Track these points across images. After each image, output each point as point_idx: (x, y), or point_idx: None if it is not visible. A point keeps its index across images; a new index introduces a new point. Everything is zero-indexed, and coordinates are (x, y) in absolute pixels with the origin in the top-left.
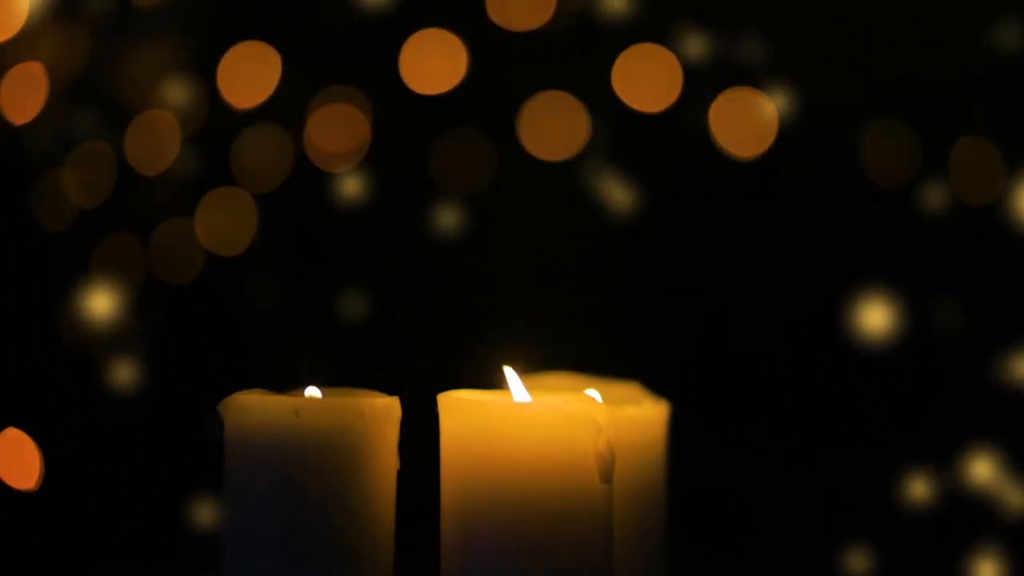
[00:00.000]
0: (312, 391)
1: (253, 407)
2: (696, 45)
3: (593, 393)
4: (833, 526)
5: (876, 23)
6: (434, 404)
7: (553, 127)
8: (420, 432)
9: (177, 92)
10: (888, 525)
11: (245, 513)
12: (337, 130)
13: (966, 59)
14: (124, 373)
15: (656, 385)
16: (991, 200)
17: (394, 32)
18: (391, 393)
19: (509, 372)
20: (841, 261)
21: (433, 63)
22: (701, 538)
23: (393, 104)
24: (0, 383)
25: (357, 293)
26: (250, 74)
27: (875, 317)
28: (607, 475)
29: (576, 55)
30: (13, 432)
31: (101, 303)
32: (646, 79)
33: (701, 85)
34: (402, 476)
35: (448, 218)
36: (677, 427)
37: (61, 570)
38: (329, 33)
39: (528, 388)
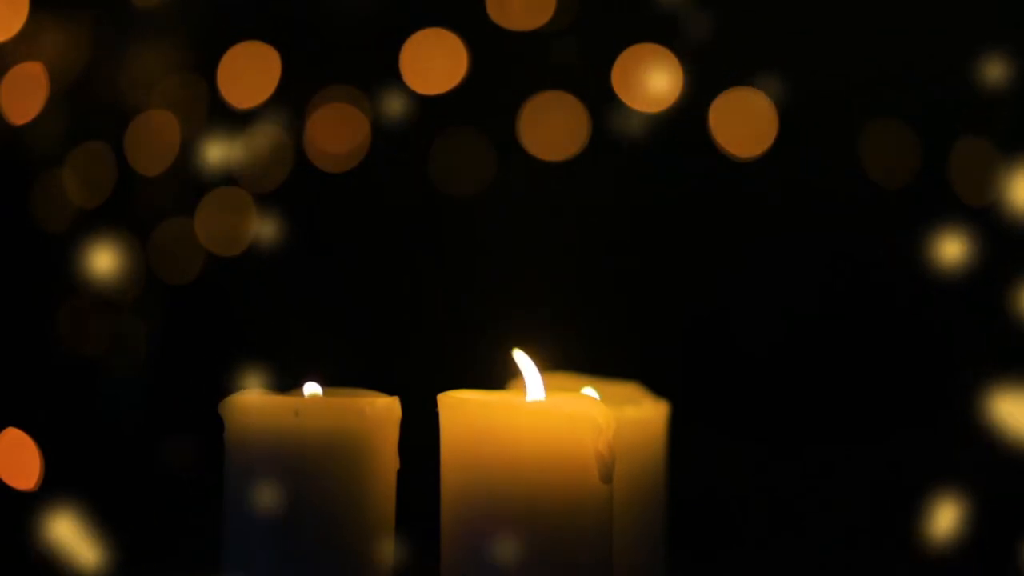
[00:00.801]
0: (311, 386)
1: (253, 407)
2: (697, 45)
3: (590, 391)
4: (833, 526)
5: (877, 23)
6: (434, 404)
7: (553, 127)
8: (420, 432)
9: (177, 92)
10: (888, 524)
11: (245, 513)
12: (337, 130)
13: (967, 59)
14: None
15: (656, 385)
16: (991, 200)
17: (394, 32)
18: (391, 393)
19: (520, 356)
20: (841, 261)
21: (433, 63)
22: (701, 538)
23: (393, 104)
24: (0, 383)
25: (357, 293)
26: (250, 74)
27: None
28: (607, 475)
29: (576, 55)
30: (13, 432)
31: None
32: (646, 79)
33: (701, 85)
34: (402, 476)
35: (448, 217)
36: (677, 427)
37: (61, 570)
38: (329, 33)
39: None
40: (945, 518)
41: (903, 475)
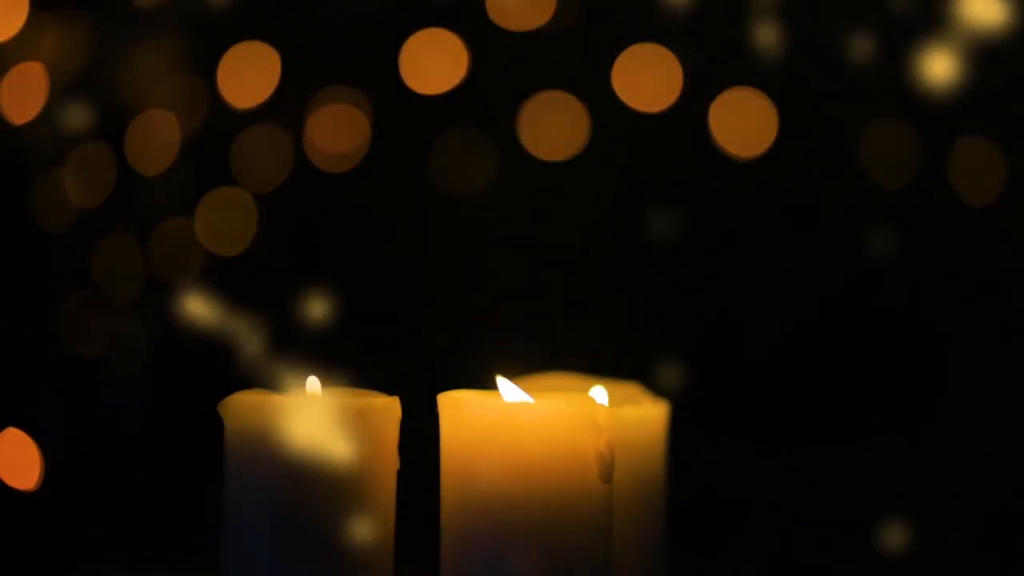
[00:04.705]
0: (313, 382)
1: (253, 407)
2: (697, 45)
3: (599, 391)
4: (833, 525)
5: (877, 22)
6: (434, 404)
7: (553, 127)
8: (420, 432)
9: (177, 92)
10: (889, 524)
11: (245, 513)
12: (337, 130)
13: (967, 59)
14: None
15: (656, 385)
16: (991, 200)
17: (394, 32)
18: (391, 393)
19: (502, 382)
20: (841, 260)
21: (433, 63)
22: (701, 538)
23: (393, 104)
24: (0, 383)
25: (357, 293)
26: (250, 74)
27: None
28: (607, 475)
29: (576, 55)
30: (13, 432)
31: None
32: (646, 79)
33: (701, 85)
34: (402, 476)
35: (448, 217)
36: (677, 427)
37: (61, 570)
38: (329, 33)
39: (525, 390)
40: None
41: (903, 474)
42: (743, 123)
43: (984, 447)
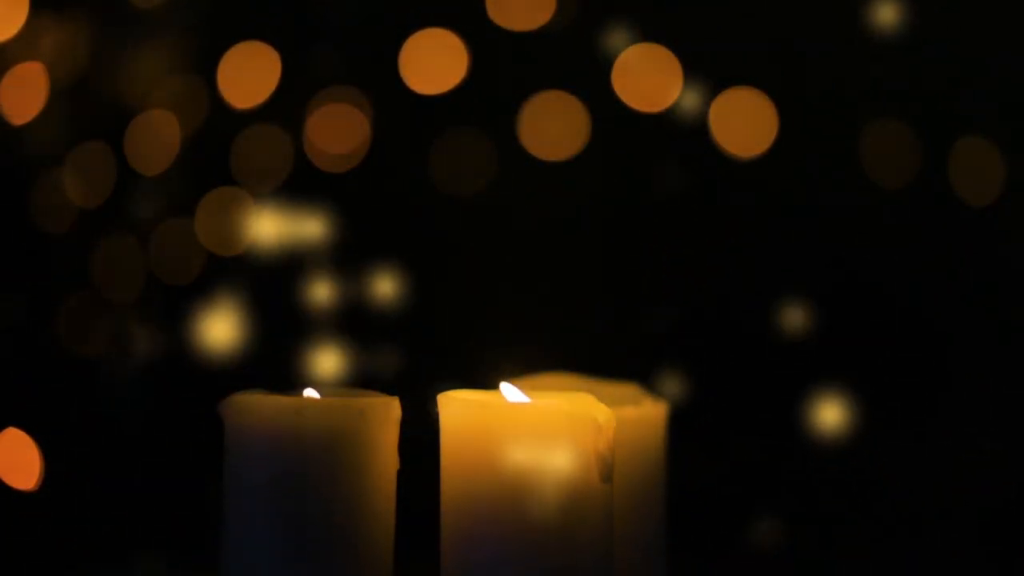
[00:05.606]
0: (310, 392)
1: (253, 407)
2: (696, 45)
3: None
4: (834, 525)
5: (876, 23)
6: (434, 404)
7: (553, 127)
8: (420, 432)
9: (177, 92)
10: (888, 524)
11: (245, 513)
12: (337, 130)
13: (966, 58)
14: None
15: (656, 385)
16: (991, 200)
17: (394, 32)
18: (391, 393)
19: (506, 386)
20: (842, 260)
21: (433, 63)
22: (701, 538)
23: (393, 104)
24: (0, 383)
25: (356, 293)
26: (250, 74)
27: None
28: (607, 475)
29: (576, 55)
30: (13, 432)
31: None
32: (646, 79)
33: (701, 85)
34: (402, 476)
35: (448, 217)
36: (677, 427)
37: (61, 570)
38: (329, 33)
39: (525, 390)
40: None
41: (902, 473)
42: (743, 123)
43: (988, 442)
